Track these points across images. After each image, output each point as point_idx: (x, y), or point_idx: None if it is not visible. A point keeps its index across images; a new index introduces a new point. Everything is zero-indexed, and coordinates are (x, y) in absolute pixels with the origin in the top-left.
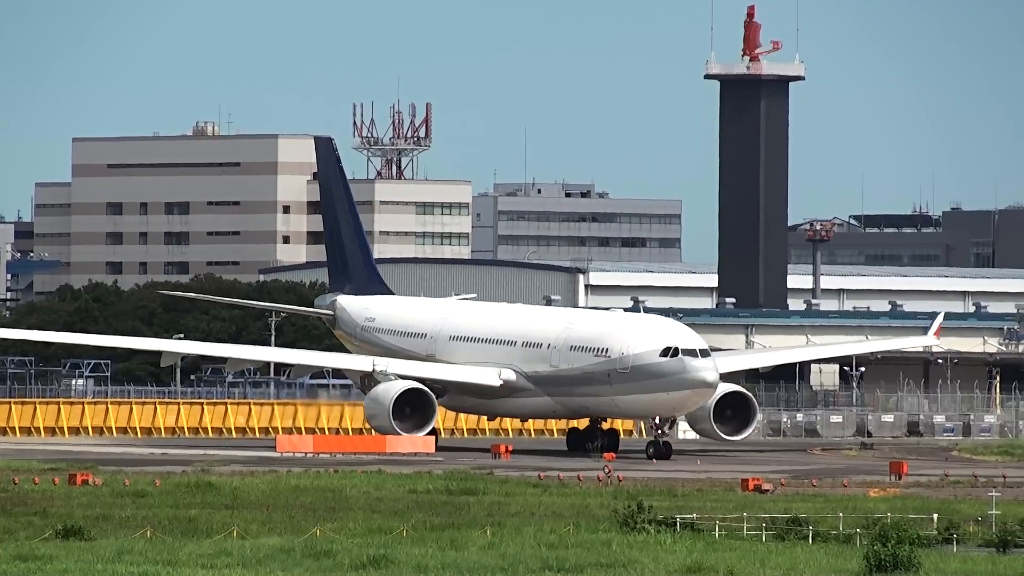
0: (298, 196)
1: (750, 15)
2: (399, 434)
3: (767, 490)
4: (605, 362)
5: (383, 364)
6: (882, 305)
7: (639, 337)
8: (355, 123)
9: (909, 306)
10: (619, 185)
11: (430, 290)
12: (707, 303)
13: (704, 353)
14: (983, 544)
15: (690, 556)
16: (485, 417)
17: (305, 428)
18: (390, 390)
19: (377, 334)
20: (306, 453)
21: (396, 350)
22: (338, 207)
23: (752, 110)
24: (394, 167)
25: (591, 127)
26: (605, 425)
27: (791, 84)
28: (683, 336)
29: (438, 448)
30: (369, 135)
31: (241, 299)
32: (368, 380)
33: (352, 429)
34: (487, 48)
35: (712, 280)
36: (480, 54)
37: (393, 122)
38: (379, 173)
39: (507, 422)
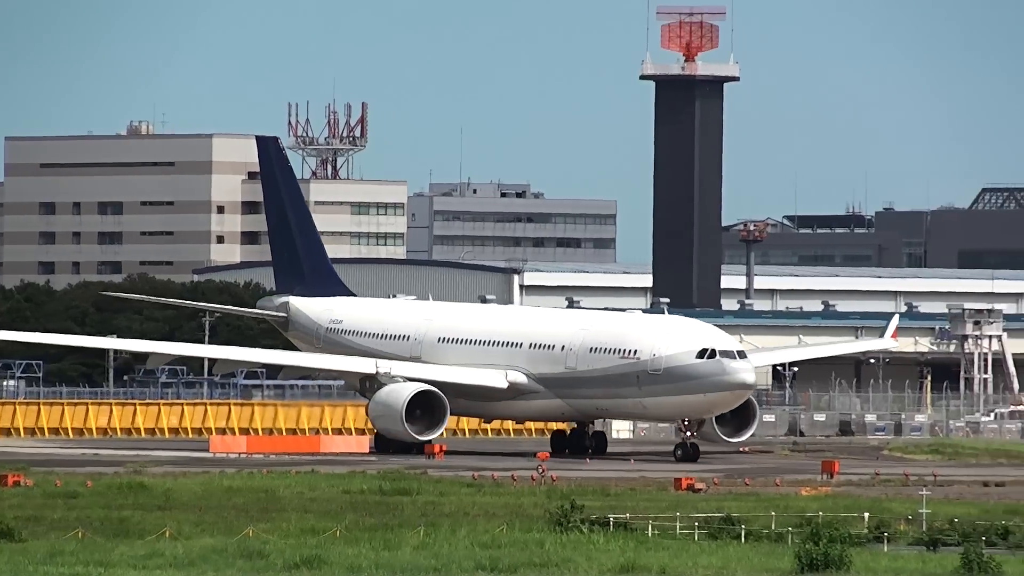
0: (232, 196)
1: (687, 16)
2: (412, 437)
3: (700, 489)
4: (633, 364)
5: (386, 366)
6: (815, 305)
7: (672, 338)
8: (290, 123)
9: (842, 306)
10: (554, 185)
11: (365, 290)
12: (641, 303)
13: (741, 355)
14: (913, 543)
15: (623, 555)
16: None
17: (239, 429)
18: (402, 392)
19: (347, 336)
20: (239, 454)
21: (372, 352)
22: (287, 207)
23: (687, 111)
24: (329, 167)
25: (526, 127)
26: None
27: (726, 85)
28: (718, 337)
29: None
30: (304, 135)
31: (176, 299)
32: (371, 382)
33: (286, 429)
34: (423, 48)
35: (646, 280)
36: (416, 54)
37: (328, 122)
38: (314, 173)
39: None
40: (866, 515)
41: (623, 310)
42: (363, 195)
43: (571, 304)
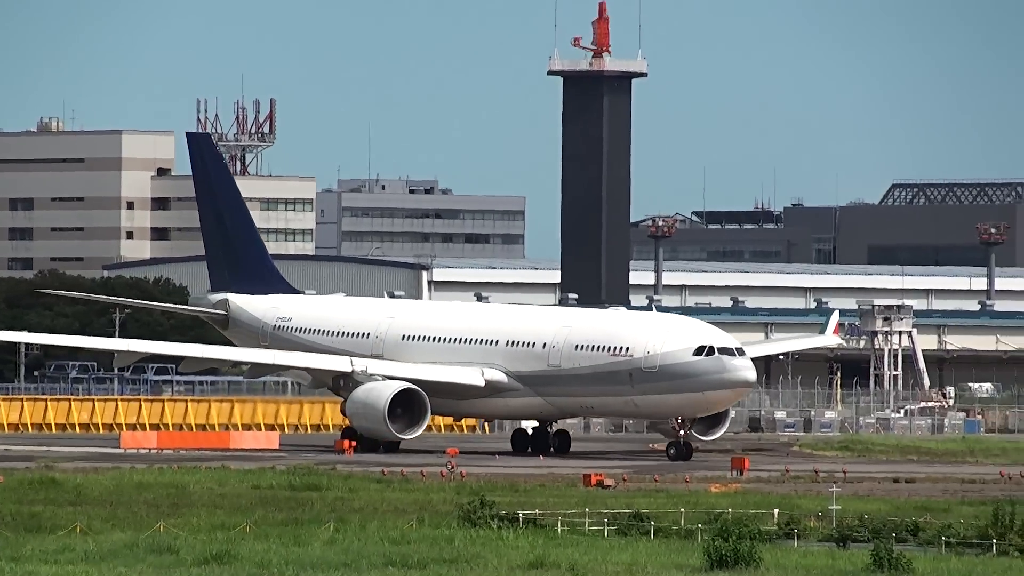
0: (142, 192)
1: (601, 11)
2: (394, 436)
3: (609, 486)
4: (626, 361)
5: (362, 364)
6: (724, 301)
7: (667, 335)
8: (199, 119)
9: (751, 302)
10: (463, 182)
11: None
12: (550, 299)
13: (740, 351)
14: (823, 539)
15: (533, 551)
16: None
17: (149, 424)
18: (384, 391)
19: (297, 334)
20: (150, 449)
21: (327, 350)
22: (222, 204)
23: (595, 107)
24: (238, 163)
25: (435, 124)
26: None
27: (634, 81)
28: (715, 334)
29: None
30: (213, 131)
31: (89, 295)
32: (345, 380)
33: (196, 425)
34: (331, 45)
35: (555, 276)
36: (324, 51)
37: (237, 118)
38: None
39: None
40: (776, 512)
41: (604, 306)
42: (272, 191)
43: (480, 299)
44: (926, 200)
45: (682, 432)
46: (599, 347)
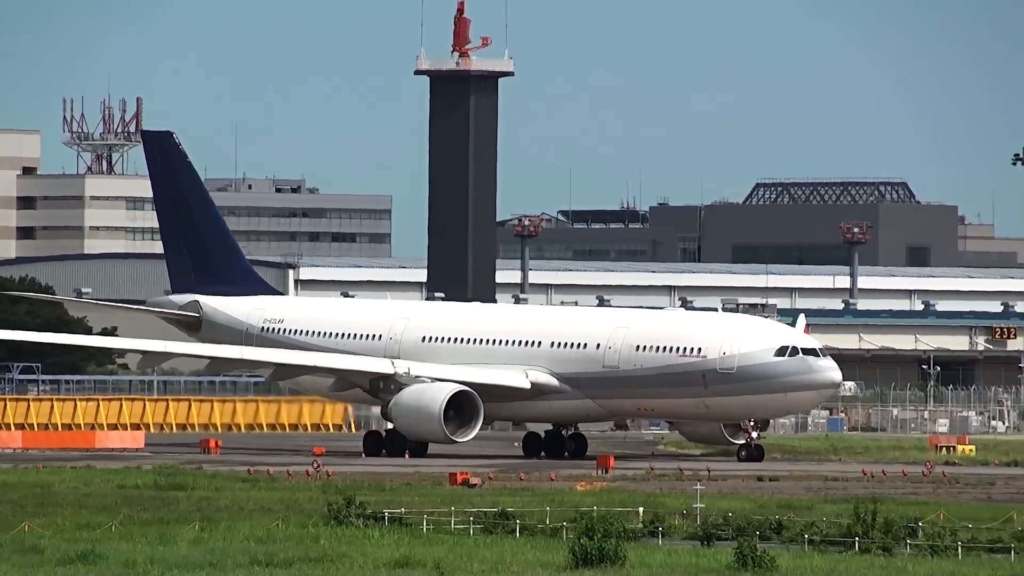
0: (7, 191)
1: (460, 11)
2: (448, 439)
3: (475, 484)
4: (698, 362)
5: (404, 366)
6: (590, 300)
7: (745, 335)
8: (65, 118)
9: (616, 301)
10: (329, 180)
11: (142, 286)
12: (417, 297)
13: (823, 352)
14: (688, 537)
15: (398, 550)
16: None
17: (14, 424)
18: (438, 393)
19: (293, 336)
20: (15, 449)
21: (331, 353)
22: (190, 204)
23: (461, 106)
24: (104, 162)
25: (301, 123)
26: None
27: (500, 80)
28: (795, 334)
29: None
30: (79, 130)
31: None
32: (386, 383)
33: (61, 425)
34: (197, 43)
35: (422, 275)
36: (190, 49)
37: (103, 117)
38: (89, 168)
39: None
40: (641, 510)
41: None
42: (138, 190)
43: (345, 296)
44: (790, 199)
45: (754, 435)
46: (666, 348)
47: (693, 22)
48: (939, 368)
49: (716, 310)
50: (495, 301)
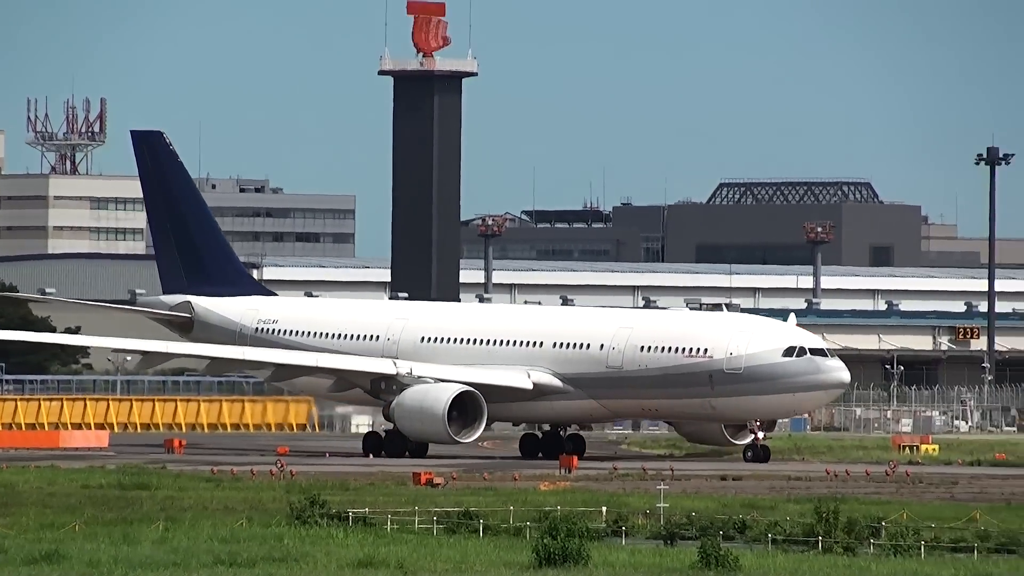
0: None
1: (424, 11)
2: (452, 439)
3: (438, 484)
4: (705, 362)
5: (406, 366)
6: (553, 300)
7: (752, 336)
8: (29, 117)
9: (580, 300)
10: (293, 180)
11: (107, 286)
12: (381, 297)
13: (831, 352)
14: (651, 536)
15: (362, 550)
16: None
17: None
18: (442, 394)
19: (288, 337)
20: None
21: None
22: (181, 204)
23: (425, 106)
24: (68, 162)
25: (265, 122)
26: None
27: (464, 80)
28: (802, 335)
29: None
30: (43, 130)
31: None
32: (387, 383)
33: (25, 424)
34: (161, 43)
35: (385, 275)
36: (154, 50)
37: (67, 117)
38: (53, 168)
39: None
40: (604, 509)
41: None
42: (102, 190)
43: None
44: (753, 199)
45: (760, 435)
46: (671, 348)
47: (656, 23)
48: (902, 368)
49: (722, 309)
50: (459, 301)
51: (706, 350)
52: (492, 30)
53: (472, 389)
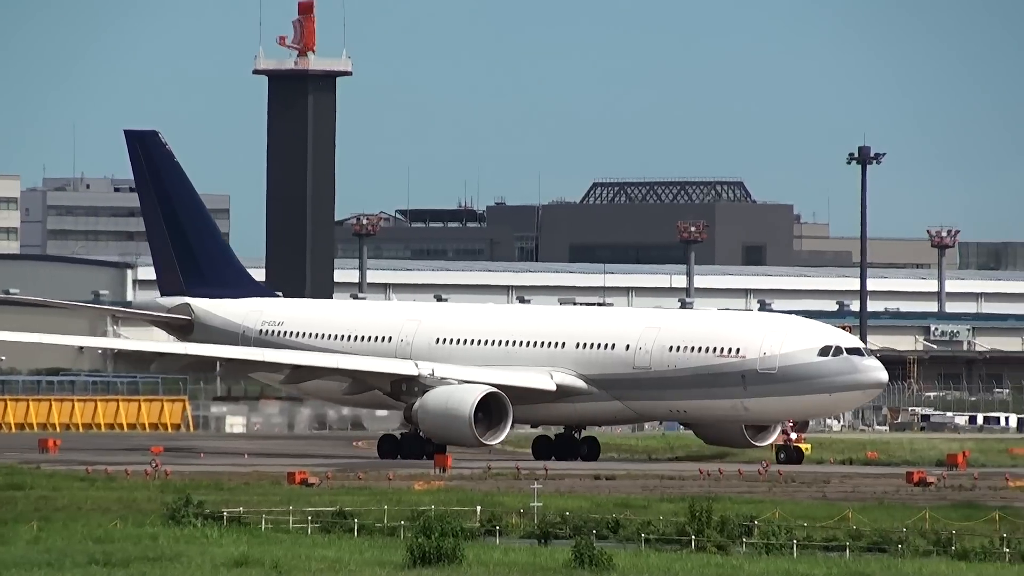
0: None
1: (303, 11)
2: (478, 441)
3: (313, 483)
4: (737, 362)
5: (427, 368)
6: (427, 299)
7: (786, 335)
8: None
9: (454, 299)
10: None
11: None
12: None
13: (868, 351)
14: (525, 536)
15: (237, 549)
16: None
17: None
18: (467, 396)
19: (294, 338)
20: None
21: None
22: (177, 205)
23: (300, 105)
24: None
25: (139, 121)
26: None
27: (339, 79)
28: (838, 334)
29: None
30: None
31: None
32: (409, 385)
33: None
34: (34, 42)
35: (260, 274)
36: (28, 49)
37: None
38: None
39: None
40: (478, 508)
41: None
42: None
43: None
44: (627, 199)
45: (794, 436)
46: (702, 348)
47: (528, 22)
48: None
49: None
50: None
51: (739, 350)
52: (366, 29)
53: (498, 391)
